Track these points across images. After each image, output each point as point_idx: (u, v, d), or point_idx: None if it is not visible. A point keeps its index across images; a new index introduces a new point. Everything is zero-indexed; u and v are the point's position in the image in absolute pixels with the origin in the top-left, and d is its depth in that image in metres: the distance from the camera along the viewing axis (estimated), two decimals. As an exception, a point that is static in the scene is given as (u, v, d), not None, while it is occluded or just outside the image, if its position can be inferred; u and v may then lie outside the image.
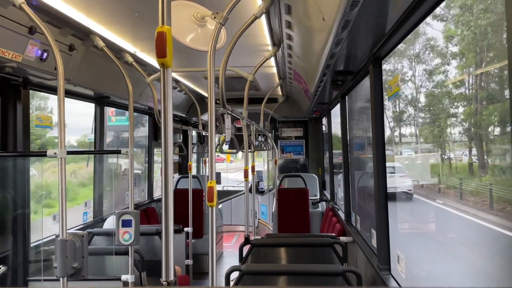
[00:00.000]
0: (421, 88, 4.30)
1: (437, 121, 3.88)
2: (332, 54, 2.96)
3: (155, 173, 7.27)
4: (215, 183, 2.06)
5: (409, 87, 4.38)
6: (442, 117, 3.69)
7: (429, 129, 4.22)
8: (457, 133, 3.63)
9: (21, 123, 3.63)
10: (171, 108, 1.48)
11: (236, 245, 8.62)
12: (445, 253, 3.07)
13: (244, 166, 3.83)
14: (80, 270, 2.40)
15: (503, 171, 2.59)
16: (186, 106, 7.91)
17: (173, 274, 1.55)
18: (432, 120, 4.06)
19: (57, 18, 3.04)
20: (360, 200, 4.58)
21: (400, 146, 5.25)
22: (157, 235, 4.55)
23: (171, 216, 1.48)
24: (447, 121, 3.63)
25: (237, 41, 2.44)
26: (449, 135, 3.71)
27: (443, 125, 3.71)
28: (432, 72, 3.91)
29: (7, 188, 3.65)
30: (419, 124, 4.73)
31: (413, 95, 4.52)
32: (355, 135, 4.94)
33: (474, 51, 2.88)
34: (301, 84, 5.35)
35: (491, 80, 2.72)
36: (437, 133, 3.86)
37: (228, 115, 3.76)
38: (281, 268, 3.32)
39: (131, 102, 3.41)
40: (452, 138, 3.70)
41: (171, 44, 1.43)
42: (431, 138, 4.18)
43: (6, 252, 3.54)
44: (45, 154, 2.37)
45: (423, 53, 4.04)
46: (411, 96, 4.53)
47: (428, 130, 4.32)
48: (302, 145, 9.12)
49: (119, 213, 3.06)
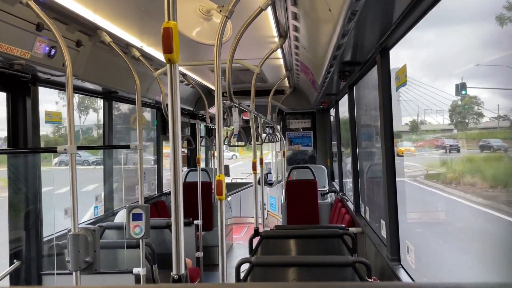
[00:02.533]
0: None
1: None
2: (339, 45, 2.94)
3: (164, 167, 7.32)
4: (223, 176, 2.07)
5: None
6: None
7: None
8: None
9: (30, 119, 3.67)
10: (178, 103, 1.49)
11: (246, 237, 8.67)
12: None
13: (253, 158, 3.84)
14: (92, 264, 2.44)
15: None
16: (194, 99, 7.93)
17: (184, 267, 1.56)
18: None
19: (64, 15, 3.06)
20: (369, 190, 4.57)
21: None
22: (168, 228, 4.59)
23: (180, 209, 1.50)
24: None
25: (243, 34, 2.43)
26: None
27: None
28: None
29: (19, 184, 3.70)
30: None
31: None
32: (364, 126, 4.92)
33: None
34: (308, 75, 5.33)
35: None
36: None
37: (236, 108, 3.76)
38: (291, 260, 3.34)
39: (139, 96, 3.43)
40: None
41: (177, 39, 1.43)
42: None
43: (20, 247, 3.59)
44: (55, 150, 2.40)
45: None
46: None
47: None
48: (310, 136, 9.10)
49: (130, 207, 3.09)
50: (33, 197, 3.71)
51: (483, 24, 2.10)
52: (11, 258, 3.53)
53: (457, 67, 2.63)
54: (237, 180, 11.76)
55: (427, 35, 2.77)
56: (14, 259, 3.52)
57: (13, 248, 3.56)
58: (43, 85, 3.91)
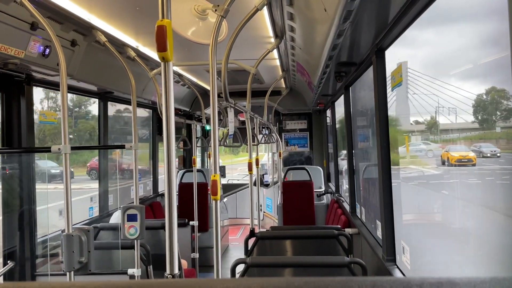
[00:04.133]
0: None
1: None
2: (334, 45, 2.94)
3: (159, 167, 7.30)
4: (218, 176, 2.06)
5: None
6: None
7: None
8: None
9: (25, 119, 3.65)
10: (172, 102, 1.48)
11: (242, 238, 8.65)
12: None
13: (248, 159, 3.83)
14: (86, 264, 2.42)
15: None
16: (190, 100, 7.91)
17: (179, 267, 1.55)
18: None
19: (58, 14, 3.04)
20: (365, 191, 4.57)
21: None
22: (163, 229, 4.57)
23: (174, 209, 1.49)
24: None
25: (238, 34, 2.43)
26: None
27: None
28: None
29: (13, 184, 3.68)
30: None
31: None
32: (359, 127, 4.92)
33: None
34: (304, 76, 5.33)
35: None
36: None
37: (232, 109, 3.75)
38: (286, 260, 3.33)
39: (134, 97, 3.41)
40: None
41: (171, 37, 1.42)
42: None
43: (13, 248, 3.57)
44: (49, 150, 2.38)
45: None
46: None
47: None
48: (307, 137, 9.11)
49: (125, 207, 3.07)
50: (27, 197, 3.69)
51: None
52: (5, 259, 3.50)
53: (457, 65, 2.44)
54: (233, 181, 11.75)
55: (427, 34, 2.67)
56: (7, 260, 3.49)
57: (6, 248, 3.54)
58: (38, 84, 3.89)
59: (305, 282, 0.49)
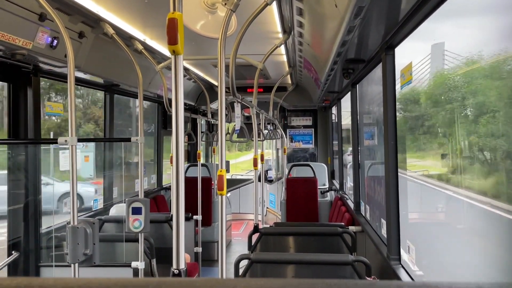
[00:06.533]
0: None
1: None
2: (343, 42, 2.92)
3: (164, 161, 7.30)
4: (225, 171, 2.05)
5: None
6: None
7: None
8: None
9: (32, 110, 3.65)
10: (182, 95, 1.47)
11: (245, 233, 8.66)
12: None
13: (254, 154, 3.82)
14: (91, 256, 2.43)
15: None
16: (195, 94, 7.90)
17: (184, 262, 1.55)
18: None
19: (67, 5, 3.03)
20: (370, 189, 4.55)
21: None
22: (167, 223, 4.58)
23: (182, 204, 1.48)
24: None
25: (247, 28, 2.41)
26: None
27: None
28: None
29: (19, 175, 3.68)
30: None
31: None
32: (366, 124, 4.89)
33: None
34: (311, 72, 5.30)
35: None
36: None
37: (238, 104, 3.74)
38: (289, 257, 3.32)
39: (141, 90, 3.40)
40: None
41: (182, 30, 1.41)
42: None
43: (18, 238, 3.58)
44: (56, 142, 2.38)
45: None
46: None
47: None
48: (311, 134, 9.09)
49: (129, 200, 3.07)
50: (33, 188, 3.70)
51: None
52: (10, 250, 3.51)
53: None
54: (237, 177, 11.76)
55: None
56: (12, 251, 3.50)
57: (11, 239, 3.55)
58: (45, 76, 3.89)
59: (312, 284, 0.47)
